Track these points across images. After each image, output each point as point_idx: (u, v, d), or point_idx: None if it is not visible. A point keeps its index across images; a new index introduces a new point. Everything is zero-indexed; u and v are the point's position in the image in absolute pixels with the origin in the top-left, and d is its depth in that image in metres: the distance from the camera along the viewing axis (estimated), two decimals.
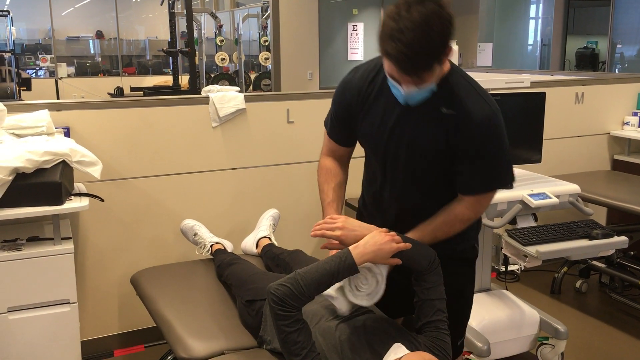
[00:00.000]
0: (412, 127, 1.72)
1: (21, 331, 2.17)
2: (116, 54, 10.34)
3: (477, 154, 1.69)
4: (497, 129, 1.69)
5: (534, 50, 10.60)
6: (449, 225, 1.79)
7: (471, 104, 1.68)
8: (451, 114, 1.67)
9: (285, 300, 1.59)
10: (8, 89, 6.73)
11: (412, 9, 1.51)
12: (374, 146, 1.83)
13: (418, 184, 1.81)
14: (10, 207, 2.09)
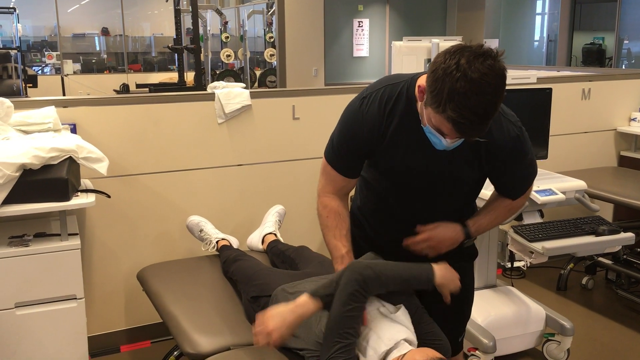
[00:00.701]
0: (447, 161, 1.70)
1: (28, 326, 2.18)
2: (122, 50, 10.35)
3: (515, 167, 1.77)
4: (525, 143, 1.76)
5: (540, 46, 10.57)
6: (505, 214, 1.90)
7: (498, 129, 1.69)
8: (482, 141, 1.65)
9: (367, 282, 1.63)
10: (14, 85, 6.75)
11: (473, 68, 1.42)
12: (399, 180, 1.78)
13: (442, 209, 1.84)
14: (18, 203, 2.10)
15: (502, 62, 1.48)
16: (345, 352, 1.60)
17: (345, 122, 1.78)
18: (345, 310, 1.62)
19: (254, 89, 6.78)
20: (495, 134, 1.67)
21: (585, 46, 9.67)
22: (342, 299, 1.63)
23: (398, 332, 1.65)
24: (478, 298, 2.74)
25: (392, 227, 1.89)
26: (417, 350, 1.60)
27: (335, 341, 1.61)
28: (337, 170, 1.82)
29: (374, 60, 10.03)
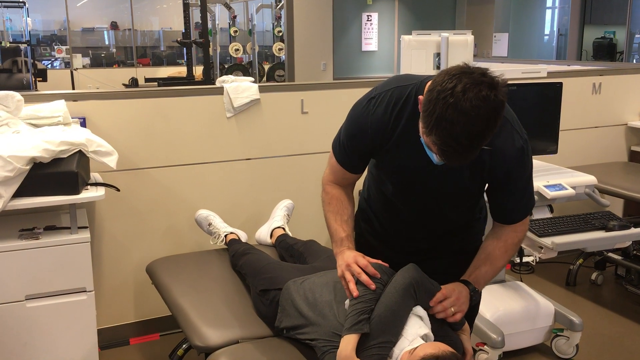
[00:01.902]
0: (450, 170, 1.67)
1: (39, 319, 2.20)
2: (131, 45, 10.37)
3: (517, 182, 1.72)
4: (528, 157, 1.71)
5: (550, 41, 10.50)
6: (506, 256, 1.81)
7: (504, 137, 1.66)
8: (487, 150, 1.61)
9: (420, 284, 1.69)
10: (24, 79, 6.78)
11: (466, 97, 1.39)
12: (404, 183, 1.78)
13: (446, 213, 1.83)
14: (28, 196, 2.12)
15: (502, 93, 1.43)
16: (386, 349, 1.61)
17: (352, 121, 1.78)
18: (403, 304, 1.64)
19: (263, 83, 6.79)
20: (500, 143, 1.64)
21: (596, 40, 9.59)
22: (400, 293, 1.65)
23: (420, 327, 1.65)
24: (486, 293, 2.74)
25: (399, 226, 1.89)
26: (429, 344, 1.60)
27: (384, 335, 1.62)
28: (341, 164, 1.84)
29: (383, 54, 10.00)
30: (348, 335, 1.61)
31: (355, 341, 1.61)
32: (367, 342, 1.61)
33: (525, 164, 1.71)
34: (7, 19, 8.93)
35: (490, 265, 1.79)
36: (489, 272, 1.79)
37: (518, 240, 1.81)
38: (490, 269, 1.79)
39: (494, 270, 1.80)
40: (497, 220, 1.81)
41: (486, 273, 1.79)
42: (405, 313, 1.66)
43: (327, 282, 1.97)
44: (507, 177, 1.70)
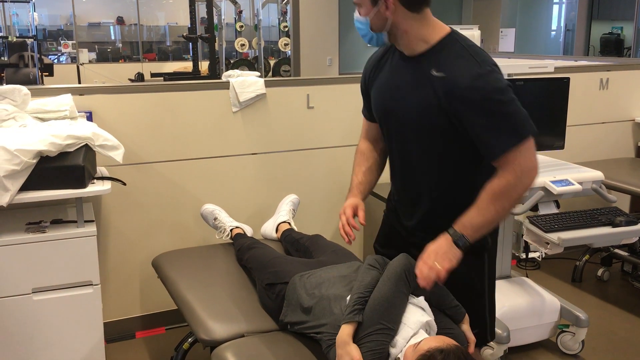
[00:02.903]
0: (406, 92, 1.73)
1: (45, 312, 2.21)
2: (136, 40, 10.38)
3: (480, 115, 1.65)
4: (490, 82, 1.64)
5: (557, 36, 10.44)
6: (496, 202, 1.67)
7: (459, 66, 1.65)
8: (441, 77, 1.64)
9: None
10: (31, 74, 6.80)
11: None
12: (378, 116, 1.90)
13: (427, 160, 1.79)
14: (34, 189, 2.13)
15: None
16: (384, 336, 1.62)
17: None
18: (396, 291, 1.67)
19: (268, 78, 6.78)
20: (450, 69, 1.64)
21: (603, 36, 9.53)
22: (392, 280, 1.69)
23: (422, 315, 1.66)
24: None
25: (396, 184, 1.98)
26: (432, 338, 1.60)
27: (380, 322, 1.63)
28: (362, 112, 2.03)
29: None
30: (344, 324, 1.66)
31: (351, 329, 1.65)
32: (365, 329, 1.64)
33: (484, 93, 1.63)
34: (13, 14, 8.96)
35: (476, 210, 1.68)
36: (474, 216, 1.69)
37: (504, 187, 1.66)
38: (475, 214, 1.68)
39: (480, 215, 1.68)
40: (486, 160, 1.71)
41: (472, 217, 1.69)
42: (400, 299, 1.68)
43: (332, 276, 1.98)
44: (468, 106, 1.64)
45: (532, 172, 1.68)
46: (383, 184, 2.08)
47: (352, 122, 3.11)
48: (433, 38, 1.71)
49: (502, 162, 1.66)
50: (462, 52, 1.67)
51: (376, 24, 1.73)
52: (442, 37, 1.71)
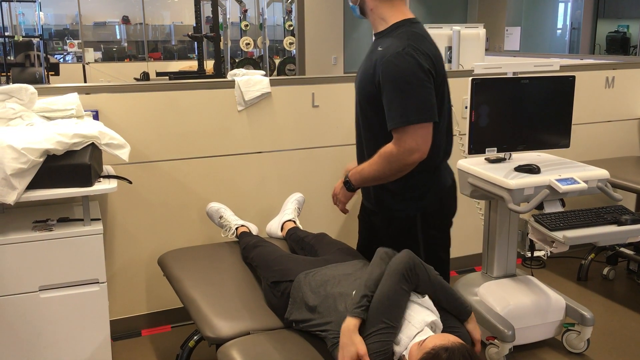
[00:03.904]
0: (363, 66, 2.08)
1: (52, 309, 2.22)
2: (142, 39, 10.40)
3: (385, 87, 1.93)
4: (402, 64, 1.89)
5: (563, 35, 10.41)
6: (379, 162, 1.99)
7: (392, 44, 1.93)
8: (380, 51, 1.96)
9: (417, 269, 1.75)
10: (37, 73, 6.83)
11: None
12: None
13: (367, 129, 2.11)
14: (41, 188, 2.14)
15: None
16: (387, 335, 1.63)
17: None
18: (398, 289, 1.69)
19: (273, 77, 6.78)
20: (386, 45, 1.95)
21: (609, 34, 9.50)
22: (393, 278, 1.71)
23: (427, 315, 1.66)
24: (497, 287, 2.74)
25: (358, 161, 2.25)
26: (437, 336, 1.60)
27: (382, 320, 1.64)
28: None
29: None
30: (350, 317, 1.69)
31: (357, 322, 1.67)
32: (368, 328, 1.65)
33: (397, 69, 1.89)
34: (19, 14, 8.99)
35: (367, 164, 2.05)
36: (364, 168, 2.06)
37: (389, 155, 1.96)
38: (365, 166, 2.06)
39: (367, 168, 2.04)
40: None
41: (362, 169, 2.07)
42: (401, 297, 1.69)
43: (338, 274, 1.98)
44: (383, 76, 1.93)
45: (414, 154, 1.93)
46: None
47: None
48: (392, 20, 2.02)
49: (394, 133, 1.94)
50: (402, 35, 1.96)
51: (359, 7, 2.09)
52: (398, 20, 2.01)
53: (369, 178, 2.06)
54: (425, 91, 1.91)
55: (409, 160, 1.94)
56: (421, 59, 1.91)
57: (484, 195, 2.67)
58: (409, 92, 1.89)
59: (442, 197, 2.17)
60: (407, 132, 1.90)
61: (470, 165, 2.65)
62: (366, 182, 2.09)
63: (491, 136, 2.66)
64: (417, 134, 1.91)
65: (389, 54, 1.91)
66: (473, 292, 2.75)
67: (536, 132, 2.74)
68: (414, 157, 1.93)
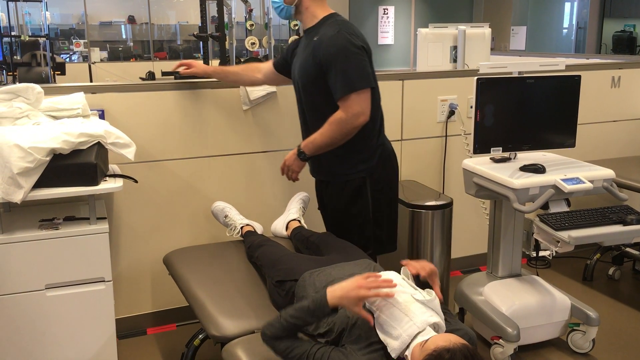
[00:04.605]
0: (301, 58, 2.41)
1: (58, 308, 2.24)
2: (147, 38, 10.42)
3: (329, 65, 2.25)
4: (338, 43, 2.24)
5: (569, 34, 10.38)
6: (330, 129, 2.28)
7: (326, 31, 2.29)
8: (316, 40, 2.30)
9: (266, 331, 1.74)
10: (43, 73, 6.85)
11: None
12: (294, 85, 2.51)
13: (311, 109, 2.42)
14: (48, 187, 2.15)
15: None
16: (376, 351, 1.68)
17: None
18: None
19: None
20: (321, 34, 2.30)
21: (615, 34, 9.47)
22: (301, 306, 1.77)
23: (431, 316, 1.66)
24: (502, 287, 2.74)
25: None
26: (440, 336, 1.60)
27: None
28: (274, 61, 2.74)
29: (399, 48, 9.96)
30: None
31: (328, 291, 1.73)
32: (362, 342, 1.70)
33: (336, 47, 2.23)
34: (26, 13, 9.02)
35: (318, 133, 2.33)
36: (316, 137, 2.34)
37: (338, 120, 2.26)
38: (317, 136, 2.34)
39: (319, 137, 2.33)
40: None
41: (314, 138, 2.35)
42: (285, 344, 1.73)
43: (342, 274, 1.98)
44: (324, 57, 2.26)
45: (360, 117, 2.26)
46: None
47: None
48: (320, 15, 2.38)
49: (340, 102, 2.26)
50: (333, 23, 2.32)
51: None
52: (325, 15, 2.37)
53: (322, 145, 2.33)
54: (362, 62, 2.26)
55: (356, 123, 2.26)
56: (353, 38, 2.27)
57: (489, 195, 2.66)
58: (349, 65, 2.23)
59: (385, 159, 2.48)
60: (352, 98, 2.23)
61: (476, 164, 2.65)
62: (319, 149, 2.36)
63: (496, 136, 2.66)
64: (361, 99, 2.25)
65: (326, 38, 2.27)
66: (478, 292, 2.75)
67: (542, 131, 2.73)
68: (360, 120, 2.26)
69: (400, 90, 3.29)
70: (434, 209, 2.87)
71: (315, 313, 1.71)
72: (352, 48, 2.24)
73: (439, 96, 3.38)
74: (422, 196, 3.01)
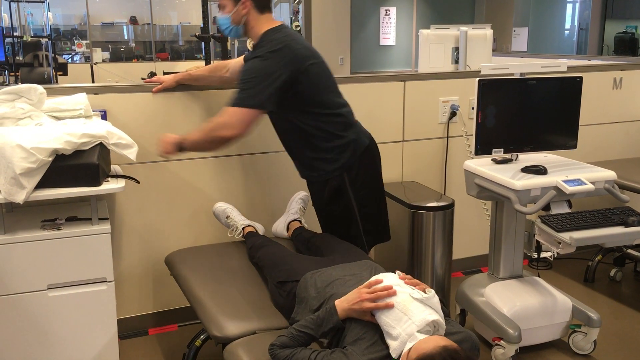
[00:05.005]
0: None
1: (60, 308, 2.24)
2: (149, 39, 10.43)
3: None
4: (249, 65, 2.30)
5: (571, 35, 10.38)
6: (201, 132, 2.33)
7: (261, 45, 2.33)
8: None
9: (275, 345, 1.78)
10: (45, 73, 6.86)
11: None
12: None
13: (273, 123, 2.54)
14: (50, 187, 2.16)
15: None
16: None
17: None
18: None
19: None
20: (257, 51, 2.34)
21: (617, 35, 9.47)
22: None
23: (429, 314, 1.66)
24: (504, 288, 2.74)
25: None
26: (424, 340, 1.59)
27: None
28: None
29: (401, 49, 9.96)
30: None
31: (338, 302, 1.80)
32: None
33: (246, 67, 2.32)
34: (28, 14, 9.04)
35: (198, 130, 2.36)
36: (194, 134, 2.37)
37: (211, 126, 2.30)
38: (195, 133, 2.37)
39: (196, 135, 2.36)
40: None
41: (193, 134, 2.38)
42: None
43: (343, 275, 1.99)
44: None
45: (226, 130, 2.26)
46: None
47: (363, 121, 3.12)
48: (261, 32, 2.38)
49: (223, 109, 2.28)
50: (271, 39, 2.33)
51: (235, 19, 2.40)
52: (265, 30, 2.37)
53: (196, 143, 2.37)
54: (258, 86, 2.25)
55: (221, 133, 2.28)
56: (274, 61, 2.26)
57: (491, 196, 2.66)
58: (244, 85, 2.27)
59: (361, 155, 2.47)
60: (228, 111, 2.26)
61: (477, 166, 2.65)
62: (194, 146, 2.41)
63: (498, 137, 2.66)
64: (235, 115, 2.25)
65: (248, 56, 2.40)
66: (479, 293, 2.75)
67: (543, 133, 2.74)
68: (225, 133, 2.27)
69: (402, 92, 3.29)
70: (435, 210, 2.88)
71: (324, 323, 1.76)
72: (257, 73, 2.26)
73: (440, 97, 3.38)
74: (423, 197, 3.01)
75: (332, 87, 2.47)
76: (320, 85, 2.39)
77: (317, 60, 2.36)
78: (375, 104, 3.22)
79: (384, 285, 1.75)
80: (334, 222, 2.55)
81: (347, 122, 2.49)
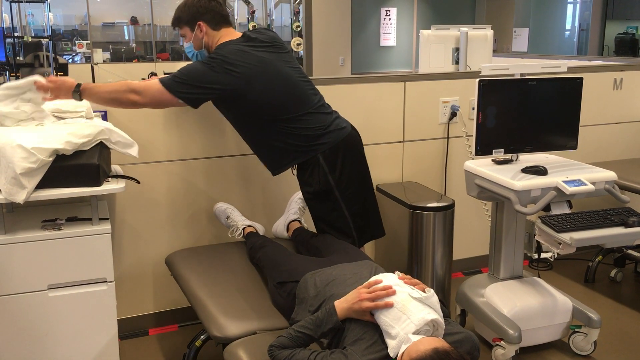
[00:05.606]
0: None
1: (60, 308, 2.24)
2: (150, 39, 10.44)
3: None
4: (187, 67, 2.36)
5: (571, 36, 10.38)
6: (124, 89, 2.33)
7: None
8: None
9: (274, 346, 1.78)
10: (46, 73, 6.86)
11: None
12: None
13: (235, 124, 2.61)
14: (50, 187, 2.16)
15: None
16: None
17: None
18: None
19: None
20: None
21: (618, 35, 9.47)
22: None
23: (428, 313, 1.66)
24: (504, 288, 2.74)
25: None
26: (417, 342, 1.60)
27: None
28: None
29: (401, 49, 9.97)
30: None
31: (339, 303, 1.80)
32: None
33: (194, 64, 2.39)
34: (29, 14, 9.04)
35: (106, 85, 2.36)
36: (101, 86, 2.36)
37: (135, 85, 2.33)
38: (103, 86, 2.37)
39: (104, 89, 2.35)
40: None
41: (100, 86, 2.37)
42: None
43: (343, 274, 1.99)
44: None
45: (133, 95, 2.32)
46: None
47: (364, 122, 3.12)
48: (215, 45, 2.47)
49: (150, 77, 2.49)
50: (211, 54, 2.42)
51: (197, 44, 2.56)
52: (218, 45, 2.45)
53: (102, 96, 2.36)
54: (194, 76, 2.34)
55: (127, 96, 2.32)
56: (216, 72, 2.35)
57: (491, 197, 2.66)
58: (182, 72, 2.34)
59: (338, 155, 2.48)
60: (152, 82, 2.33)
61: (477, 166, 2.65)
62: (97, 98, 2.37)
63: (498, 137, 2.66)
64: (154, 89, 2.31)
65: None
66: (479, 294, 2.75)
67: (543, 133, 2.74)
68: (130, 97, 2.32)
69: (402, 92, 3.29)
70: (435, 211, 2.88)
71: (323, 323, 1.76)
72: (199, 66, 2.35)
73: (440, 98, 3.38)
74: (423, 198, 3.02)
75: (294, 92, 2.48)
76: (275, 92, 2.43)
77: (261, 70, 2.39)
78: (375, 105, 3.22)
79: (384, 285, 1.75)
80: (322, 223, 2.58)
81: (325, 125, 2.50)
